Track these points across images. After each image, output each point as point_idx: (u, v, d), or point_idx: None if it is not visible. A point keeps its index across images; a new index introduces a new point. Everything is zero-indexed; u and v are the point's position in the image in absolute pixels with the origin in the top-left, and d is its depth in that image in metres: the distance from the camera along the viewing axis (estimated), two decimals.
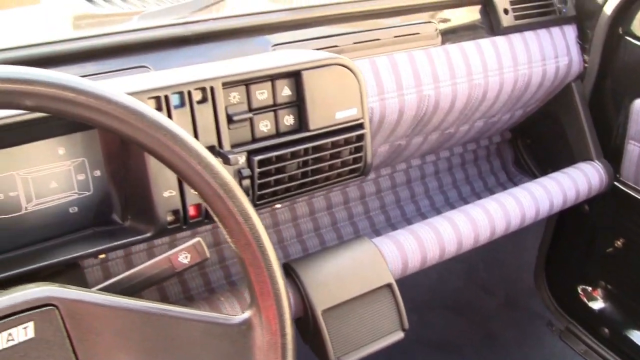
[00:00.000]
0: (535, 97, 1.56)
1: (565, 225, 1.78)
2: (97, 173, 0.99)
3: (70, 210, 0.98)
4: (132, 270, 0.86)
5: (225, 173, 0.72)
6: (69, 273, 0.97)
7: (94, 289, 0.82)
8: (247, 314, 0.77)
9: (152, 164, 0.90)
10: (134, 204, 0.97)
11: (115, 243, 0.93)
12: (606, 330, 1.76)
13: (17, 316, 0.68)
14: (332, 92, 1.03)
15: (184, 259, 0.87)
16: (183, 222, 0.95)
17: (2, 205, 0.93)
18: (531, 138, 1.83)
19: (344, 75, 1.03)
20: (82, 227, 0.99)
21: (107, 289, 0.84)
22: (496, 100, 1.46)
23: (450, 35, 1.41)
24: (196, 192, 0.73)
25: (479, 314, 1.94)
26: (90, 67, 1.07)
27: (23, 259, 0.92)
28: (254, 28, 1.19)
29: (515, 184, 1.77)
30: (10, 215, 0.94)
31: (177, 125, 0.71)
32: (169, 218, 0.94)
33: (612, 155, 1.61)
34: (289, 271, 1.17)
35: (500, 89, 1.44)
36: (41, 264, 0.89)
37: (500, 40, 1.45)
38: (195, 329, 0.75)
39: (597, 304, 1.78)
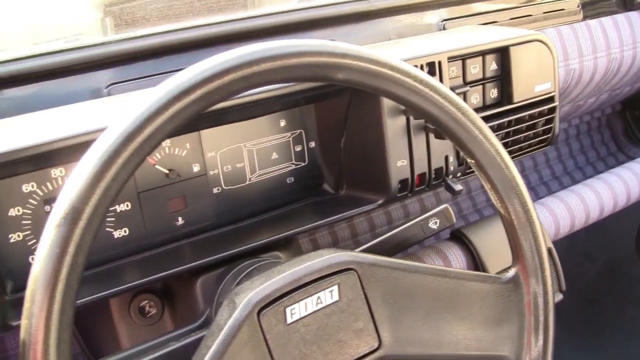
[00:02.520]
0: None
1: None
2: (312, 144, 1.03)
3: (288, 181, 1.03)
4: (387, 235, 0.90)
5: (500, 144, 0.77)
6: (289, 243, 1.01)
7: (356, 250, 0.87)
8: (512, 271, 0.81)
9: (390, 135, 0.95)
10: (356, 174, 1.01)
11: (352, 211, 0.97)
12: None
13: (323, 280, 0.72)
14: (532, 67, 1.08)
15: (434, 224, 0.91)
16: (410, 189, 0.99)
17: (230, 176, 0.97)
18: None
19: (541, 51, 1.08)
20: (297, 199, 1.04)
21: (367, 252, 0.88)
22: (627, 74, 1.51)
23: (589, 10, 1.46)
24: (472, 160, 0.77)
25: (581, 281, 2.00)
26: None
27: (255, 230, 0.97)
28: (424, 3, 1.23)
29: (626, 154, 1.82)
30: (237, 186, 0.98)
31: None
32: (398, 186, 0.98)
33: None
34: (461, 238, 1.21)
35: (632, 62, 1.49)
36: (282, 234, 0.93)
37: (633, 15, 1.49)
38: (471, 287, 0.80)
39: None
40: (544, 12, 1.37)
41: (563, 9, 1.40)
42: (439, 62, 0.97)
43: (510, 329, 0.81)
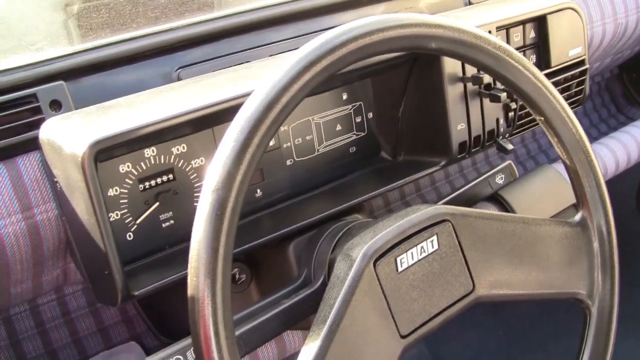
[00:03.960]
0: None
1: None
2: (370, 115, 1.10)
3: (350, 151, 1.10)
4: (460, 191, 0.99)
5: (566, 103, 0.85)
6: (362, 206, 1.08)
7: (439, 203, 0.94)
8: (579, 216, 0.90)
9: (450, 101, 1.02)
10: (414, 140, 1.08)
11: (418, 174, 1.04)
12: None
13: (424, 232, 0.80)
14: (566, 33, 1.16)
15: (500, 179, 0.99)
16: (467, 151, 1.07)
17: (300, 148, 1.04)
18: (637, 72, 1.99)
19: (573, 18, 1.16)
20: (359, 167, 1.11)
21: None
22: (630, 37, 1.61)
23: None
24: (541, 117, 0.85)
25: None
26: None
27: (329, 197, 1.04)
28: None
29: (625, 115, 1.93)
30: (307, 157, 1.05)
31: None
32: (458, 149, 1.06)
33: None
34: (497, 199, 1.29)
35: (636, 26, 1.59)
36: (361, 198, 1.00)
37: None
38: (546, 232, 0.88)
39: None
40: None
41: None
42: (489, 32, 1.04)
43: (582, 268, 0.90)
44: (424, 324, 0.79)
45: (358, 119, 1.08)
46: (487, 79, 1.03)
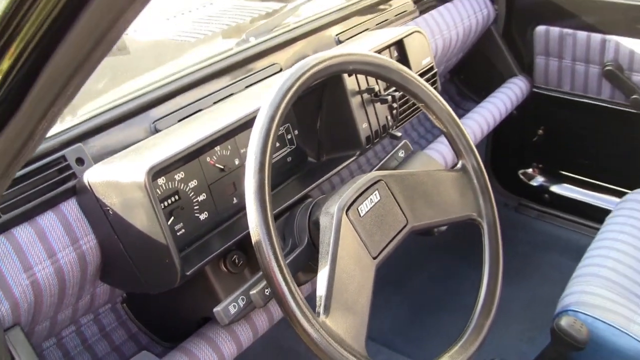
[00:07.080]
0: (471, 40, 2.25)
1: (500, 129, 2.49)
2: (296, 132, 1.49)
3: (288, 160, 1.48)
4: (378, 165, 1.39)
5: (437, 93, 1.29)
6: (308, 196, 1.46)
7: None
8: (460, 164, 1.33)
9: (354, 108, 1.44)
10: (332, 143, 1.49)
11: (341, 166, 1.44)
12: (546, 196, 2.51)
13: (370, 189, 1.19)
14: (417, 49, 1.62)
15: (401, 154, 1.42)
16: (372, 142, 1.49)
17: None
18: (464, 74, 2.53)
19: (420, 38, 1.63)
20: (295, 172, 1.49)
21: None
22: (455, 48, 2.12)
23: (420, 6, 2.05)
24: (421, 103, 1.28)
25: None
26: None
27: (284, 194, 1.41)
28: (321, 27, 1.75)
29: (463, 109, 2.46)
30: None
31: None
32: (365, 141, 1.47)
33: (528, 70, 2.35)
34: None
35: (457, 39, 2.10)
36: (297, 196, 1.38)
37: (449, 5, 2.12)
38: (444, 177, 1.29)
39: (536, 180, 2.53)
40: (395, 15, 1.93)
41: (405, 11, 1.98)
42: None
43: (471, 198, 1.32)
44: (384, 248, 1.17)
45: (289, 136, 1.47)
46: (376, 89, 1.46)
